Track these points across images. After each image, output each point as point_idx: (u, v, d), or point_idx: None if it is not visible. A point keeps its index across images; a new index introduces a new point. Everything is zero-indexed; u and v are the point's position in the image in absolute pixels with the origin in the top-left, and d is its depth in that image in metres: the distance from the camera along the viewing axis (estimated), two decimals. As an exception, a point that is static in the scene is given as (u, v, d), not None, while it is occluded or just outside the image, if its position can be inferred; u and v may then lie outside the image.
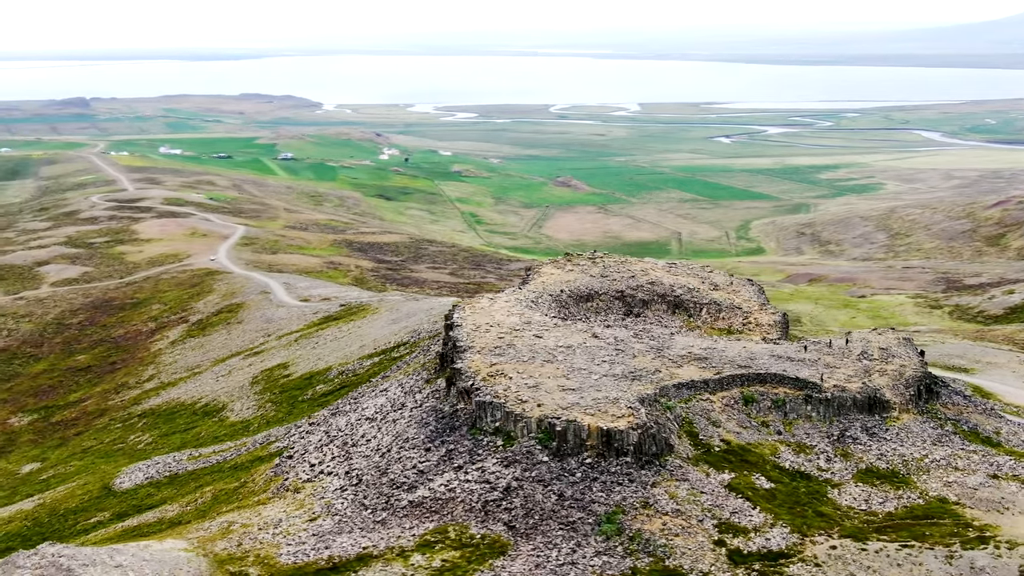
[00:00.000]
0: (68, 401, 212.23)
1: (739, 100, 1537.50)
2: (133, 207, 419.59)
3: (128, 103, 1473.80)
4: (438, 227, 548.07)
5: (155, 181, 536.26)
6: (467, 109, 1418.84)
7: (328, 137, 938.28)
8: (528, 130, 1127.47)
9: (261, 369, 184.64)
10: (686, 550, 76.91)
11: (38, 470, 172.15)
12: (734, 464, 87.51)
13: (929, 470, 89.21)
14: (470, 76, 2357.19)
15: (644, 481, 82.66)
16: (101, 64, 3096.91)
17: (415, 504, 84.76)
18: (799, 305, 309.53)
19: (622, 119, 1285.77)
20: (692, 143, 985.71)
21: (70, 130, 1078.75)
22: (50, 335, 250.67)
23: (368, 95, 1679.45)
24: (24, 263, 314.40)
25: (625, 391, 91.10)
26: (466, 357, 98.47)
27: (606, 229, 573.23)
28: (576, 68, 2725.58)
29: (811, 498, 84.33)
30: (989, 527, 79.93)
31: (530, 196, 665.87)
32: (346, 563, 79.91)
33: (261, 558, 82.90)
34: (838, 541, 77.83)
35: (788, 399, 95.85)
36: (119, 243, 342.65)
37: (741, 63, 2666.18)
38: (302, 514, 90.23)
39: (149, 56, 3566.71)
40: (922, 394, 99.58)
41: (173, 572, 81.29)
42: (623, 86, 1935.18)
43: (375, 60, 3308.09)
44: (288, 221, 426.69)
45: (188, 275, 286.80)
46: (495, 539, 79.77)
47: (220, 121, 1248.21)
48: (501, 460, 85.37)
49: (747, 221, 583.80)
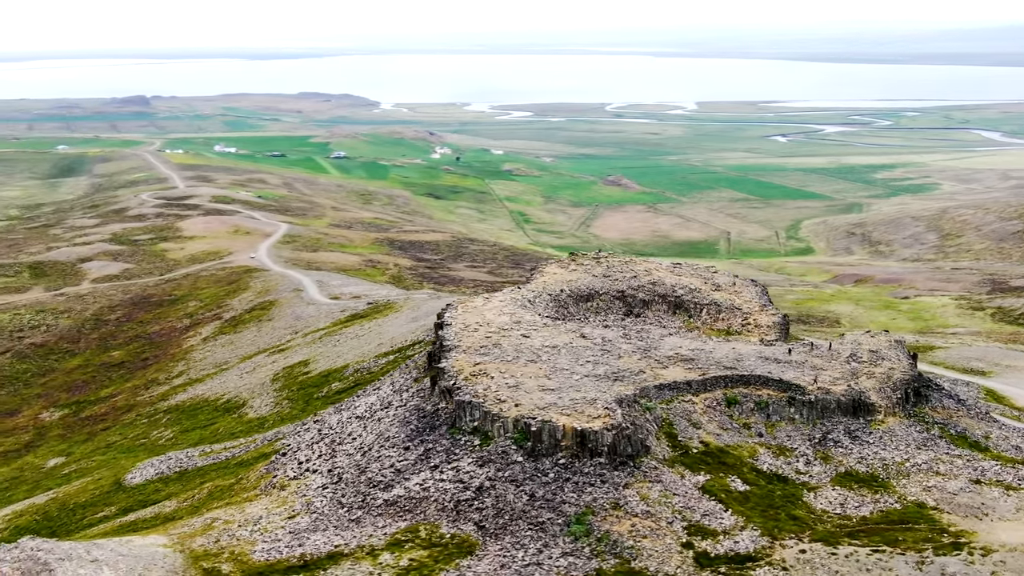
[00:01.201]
0: (99, 396, 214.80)
1: (798, 99, 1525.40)
2: (180, 205, 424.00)
3: (188, 101, 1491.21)
4: (485, 226, 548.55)
5: (206, 179, 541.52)
6: (523, 108, 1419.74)
7: (381, 136, 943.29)
8: (582, 129, 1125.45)
9: (283, 366, 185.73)
10: (653, 552, 76.27)
11: (62, 464, 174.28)
12: (711, 466, 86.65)
13: (909, 474, 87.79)
14: (529, 75, 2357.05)
15: (616, 482, 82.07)
16: (164, 63, 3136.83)
17: (390, 503, 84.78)
18: (840, 306, 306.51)
19: (678, 118, 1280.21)
20: (747, 142, 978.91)
21: (129, 128, 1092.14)
22: (87, 331, 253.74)
23: (426, 94, 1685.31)
24: (67, 259, 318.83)
25: (604, 392, 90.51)
26: (450, 356, 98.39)
27: (655, 228, 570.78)
28: (635, 67, 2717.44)
29: (786, 501, 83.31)
30: (965, 533, 78.50)
31: (580, 195, 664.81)
32: (317, 561, 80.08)
33: (235, 555, 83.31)
34: (808, 545, 76.80)
35: (771, 401, 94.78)
36: (162, 240, 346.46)
37: (803, 61, 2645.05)
38: (282, 511, 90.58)
39: (212, 55, 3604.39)
40: (910, 397, 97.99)
41: (147, 567, 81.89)
42: (682, 84, 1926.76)
43: (435, 59, 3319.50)
44: (333, 219, 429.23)
45: (227, 272, 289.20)
46: (464, 539, 79.58)
47: (278, 120, 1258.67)
48: (476, 460, 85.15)
49: (798, 221, 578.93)
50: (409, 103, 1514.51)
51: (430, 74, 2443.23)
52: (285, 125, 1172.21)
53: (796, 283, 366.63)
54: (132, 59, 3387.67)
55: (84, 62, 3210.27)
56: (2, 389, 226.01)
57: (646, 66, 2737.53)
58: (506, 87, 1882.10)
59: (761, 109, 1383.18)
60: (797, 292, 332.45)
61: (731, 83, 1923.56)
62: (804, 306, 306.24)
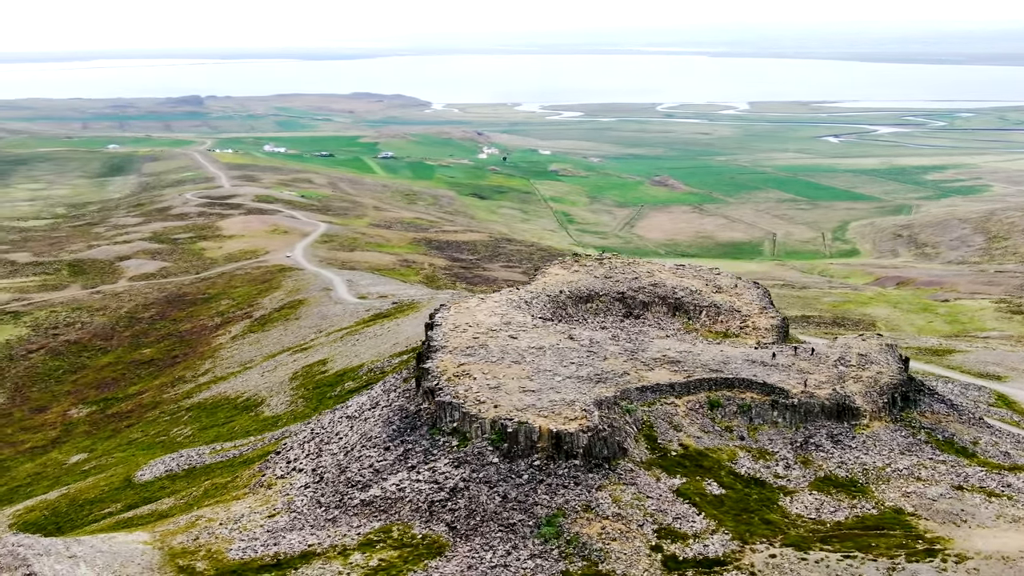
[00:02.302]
0: (127, 394, 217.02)
1: (852, 99, 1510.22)
2: (223, 204, 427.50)
3: (241, 101, 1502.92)
4: (528, 226, 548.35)
5: (252, 179, 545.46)
6: (573, 108, 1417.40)
7: (429, 136, 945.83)
8: (632, 129, 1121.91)
9: (303, 365, 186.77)
10: (621, 555, 75.88)
11: (83, 461, 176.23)
12: (688, 469, 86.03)
13: (889, 479, 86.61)
14: (582, 75, 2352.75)
15: (590, 484, 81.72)
16: (220, 63, 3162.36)
17: (366, 503, 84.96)
18: (877, 309, 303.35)
19: (729, 118, 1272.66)
20: (798, 142, 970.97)
21: (182, 127, 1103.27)
22: (121, 328, 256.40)
23: (477, 94, 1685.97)
24: (106, 258, 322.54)
25: (585, 393, 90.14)
26: (436, 357, 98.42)
27: (699, 229, 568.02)
28: (690, 67, 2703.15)
29: (761, 505, 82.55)
30: (941, 540, 77.33)
31: (625, 195, 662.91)
32: (289, 560, 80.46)
33: (211, 553, 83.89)
34: (779, 550, 76.06)
35: (754, 404, 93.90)
36: (202, 239, 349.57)
37: (859, 61, 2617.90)
38: (264, 510, 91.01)
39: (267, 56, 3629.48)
40: (897, 402, 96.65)
41: (124, 564, 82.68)
42: (735, 84, 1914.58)
43: (489, 59, 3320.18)
44: (374, 219, 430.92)
45: (261, 271, 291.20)
46: (435, 540, 79.59)
47: (329, 120, 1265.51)
48: (453, 461, 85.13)
49: (845, 222, 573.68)
50: (460, 103, 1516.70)
51: (482, 74, 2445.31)
52: (337, 125, 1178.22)
53: (836, 285, 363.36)
54: (188, 59, 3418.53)
55: (140, 62, 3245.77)
56: (34, 386, 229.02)
57: (701, 66, 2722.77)
58: (558, 87, 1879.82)
59: (814, 109, 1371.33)
60: (835, 295, 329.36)
61: (785, 83, 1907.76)
62: (840, 309, 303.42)
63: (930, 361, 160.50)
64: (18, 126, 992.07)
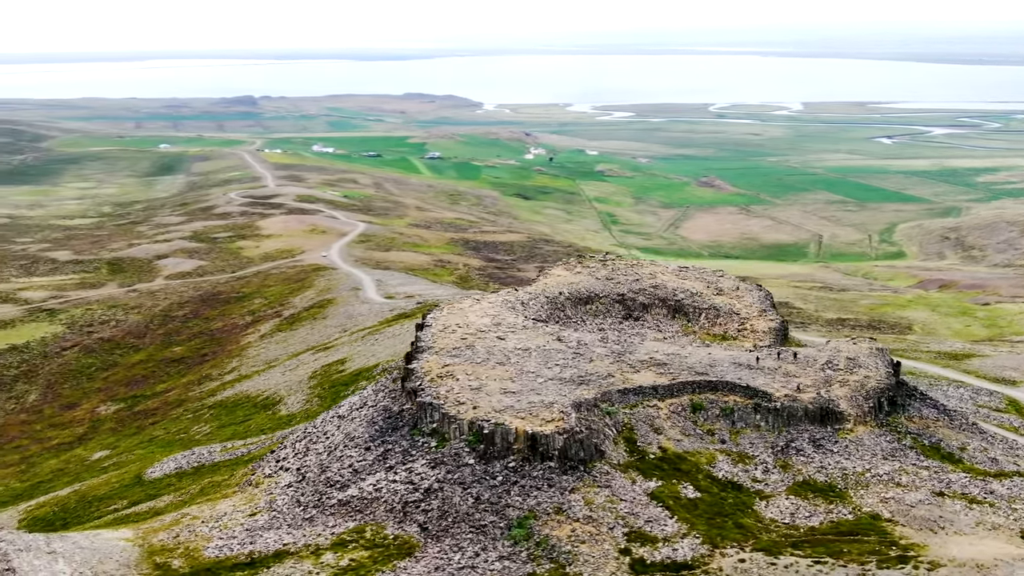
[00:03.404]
0: (155, 391, 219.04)
1: (907, 100, 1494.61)
2: (265, 203, 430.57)
3: (295, 102, 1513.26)
4: (571, 226, 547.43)
5: (297, 178, 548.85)
6: (624, 108, 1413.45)
7: (477, 137, 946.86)
8: (682, 129, 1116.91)
9: (322, 364, 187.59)
10: (589, 558, 75.46)
11: (105, 457, 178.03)
12: (665, 472, 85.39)
13: (868, 485, 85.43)
14: (635, 76, 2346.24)
15: (564, 486, 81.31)
16: (276, 63, 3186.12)
17: (343, 503, 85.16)
18: (915, 312, 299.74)
19: (781, 119, 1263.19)
20: (851, 143, 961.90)
21: (235, 127, 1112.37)
22: (155, 327, 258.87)
23: (528, 95, 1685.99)
24: (145, 256, 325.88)
25: (565, 395, 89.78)
26: (422, 358, 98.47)
27: (744, 230, 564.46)
28: (745, 67, 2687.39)
29: (735, 509, 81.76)
30: (915, 546, 76.14)
31: (671, 196, 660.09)
32: (263, 559, 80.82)
33: (189, 550, 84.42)
34: (749, 555, 75.24)
35: (737, 408, 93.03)
36: (240, 238, 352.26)
37: (916, 62, 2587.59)
38: (247, 509, 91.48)
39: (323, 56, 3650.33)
40: (883, 406, 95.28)
41: (102, 560, 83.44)
42: (790, 85, 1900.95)
43: (542, 60, 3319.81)
44: (414, 219, 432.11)
45: (296, 271, 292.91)
46: (406, 540, 79.59)
47: (381, 120, 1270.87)
48: (430, 461, 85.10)
49: (893, 224, 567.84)
50: (511, 104, 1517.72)
51: (536, 75, 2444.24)
52: (387, 126, 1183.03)
53: (877, 288, 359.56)
54: (244, 60, 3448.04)
55: (197, 62, 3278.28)
56: (66, 383, 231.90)
57: (756, 66, 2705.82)
58: (610, 88, 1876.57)
59: (868, 110, 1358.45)
60: (873, 297, 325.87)
61: (840, 83, 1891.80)
62: (877, 312, 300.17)
63: (947, 365, 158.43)
64: (72, 125, 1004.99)
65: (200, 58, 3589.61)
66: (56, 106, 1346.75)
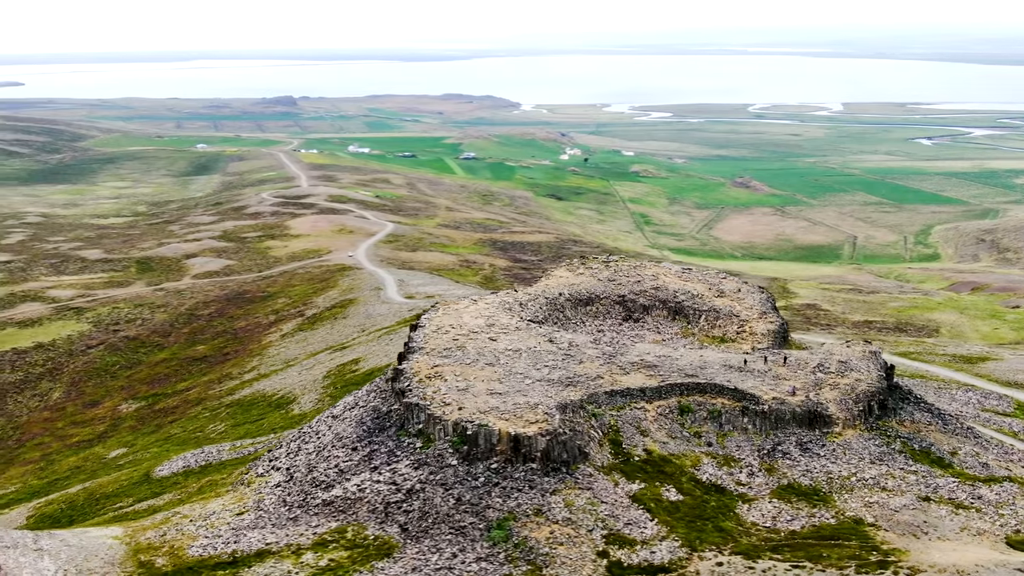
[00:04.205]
0: (176, 389, 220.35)
1: (948, 100, 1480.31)
2: (297, 203, 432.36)
3: (334, 102, 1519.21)
4: (603, 227, 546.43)
5: (331, 179, 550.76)
6: (663, 109, 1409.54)
7: (513, 137, 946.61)
8: (720, 130, 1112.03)
9: (338, 364, 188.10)
10: (567, 559, 75.19)
11: (121, 455, 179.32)
12: (649, 474, 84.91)
13: (853, 489, 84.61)
14: (675, 76, 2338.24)
15: (545, 488, 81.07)
16: (318, 64, 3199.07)
17: (327, 503, 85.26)
18: (944, 315, 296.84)
19: (821, 119, 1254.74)
20: (890, 144, 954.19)
21: (274, 128, 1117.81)
22: (180, 325, 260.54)
23: (567, 95, 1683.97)
24: (174, 255, 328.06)
25: (551, 397, 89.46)
26: (412, 358, 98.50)
27: (779, 232, 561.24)
28: (786, 67, 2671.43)
29: (717, 512, 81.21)
30: (896, 552, 75.33)
31: (706, 197, 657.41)
32: (245, 558, 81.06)
33: (174, 549, 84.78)
34: (727, 558, 74.76)
35: (725, 410, 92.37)
36: (269, 238, 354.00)
37: (958, 62, 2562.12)
38: (235, 508, 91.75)
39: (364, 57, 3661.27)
40: (873, 410, 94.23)
41: (87, 558, 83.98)
42: (831, 85, 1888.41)
43: (582, 60, 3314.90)
44: (444, 219, 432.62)
45: (321, 271, 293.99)
46: (386, 541, 79.58)
47: (418, 120, 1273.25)
48: (414, 462, 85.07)
49: (929, 226, 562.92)
50: (549, 104, 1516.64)
51: (574, 75, 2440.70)
52: (425, 126, 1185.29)
53: (907, 290, 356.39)
54: (286, 60, 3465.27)
55: (239, 63, 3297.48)
56: (90, 381, 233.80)
57: (797, 67, 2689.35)
58: (649, 88, 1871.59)
59: (909, 111, 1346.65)
60: (902, 300, 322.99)
61: (882, 84, 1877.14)
62: (905, 314, 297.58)
63: (960, 369, 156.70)
64: (112, 125, 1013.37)
65: (243, 59, 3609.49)
66: (98, 106, 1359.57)
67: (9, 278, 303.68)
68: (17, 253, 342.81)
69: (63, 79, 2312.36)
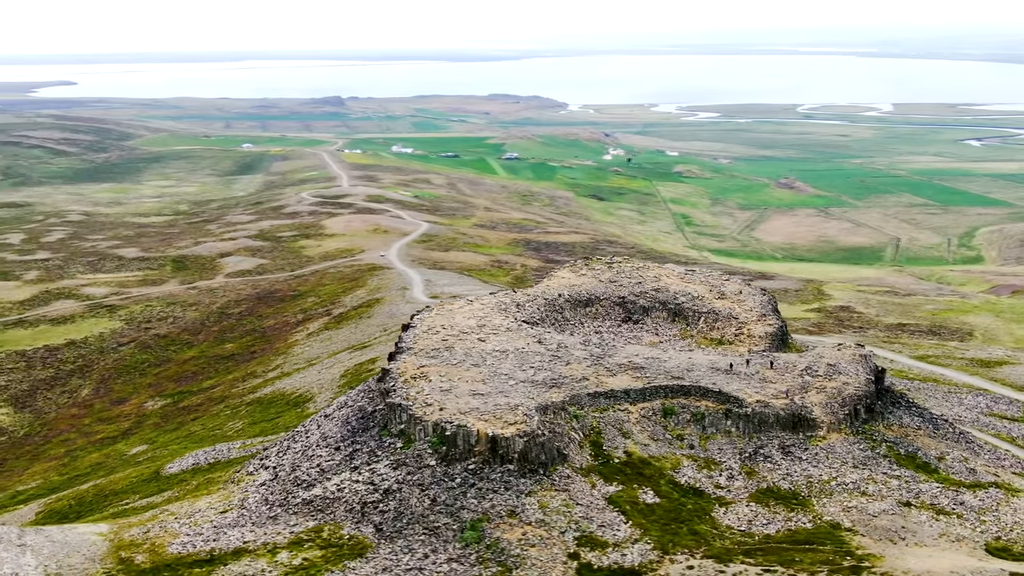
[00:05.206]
0: (201, 387, 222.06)
1: (999, 102, 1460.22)
2: (335, 203, 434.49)
3: (382, 103, 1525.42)
4: (643, 228, 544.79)
5: (372, 179, 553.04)
6: (710, 109, 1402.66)
7: (556, 137, 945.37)
8: (767, 130, 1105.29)
9: (356, 363, 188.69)
10: (537, 561, 74.99)
11: (142, 452, 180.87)
12: (628, 476, 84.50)
13: (833, 493, 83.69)
14: (725, 76, 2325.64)
15: (521, 489, 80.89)
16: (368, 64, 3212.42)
17: (306, 502, 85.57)
18: (978, 318, 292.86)
19: (870, 120, 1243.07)
20: (939, 145, 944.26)
21: (321, 128, 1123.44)
22: (210, 324, 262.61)
23: (614, 95, 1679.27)
24: (209, 254, 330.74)
25: (533, 398, 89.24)
26: (400, 358, 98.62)
27: (821, 233, 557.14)
28: (837, 67, 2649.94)
29: (693, 515, 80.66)
30: (871, 557, 74.41)
31: (749, 198, 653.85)
32: (222, 556, 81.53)
33: (155, 546, 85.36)
34: (699, 561, 74.21)
35: (708, 413, 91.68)
36: (304, 237, 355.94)
37: (1012, 63, 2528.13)
38: (220, 506, 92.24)
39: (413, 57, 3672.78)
40: (859, 414, 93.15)
41: (68, 554, 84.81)
42: (881, 85, 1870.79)
43: (629, 60, 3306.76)
44: (480, 220, 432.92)
45: (352, 270, 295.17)
46: (360, 540, 79.75)
47: (464, 121, 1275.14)
48: (393, 462, 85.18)
49: (974, 228, 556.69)
50: (596, 104, 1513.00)
51: (622, 76, 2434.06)
52: (470, 126, 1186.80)
53: (945, 293, 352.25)
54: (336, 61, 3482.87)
55: (289, 63, 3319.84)
56: (119, 378, 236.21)
57: (849, 67, 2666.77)
58: (698, 88, 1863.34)
59: (959, 111, 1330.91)
60: (938, 302, 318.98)
61: (933, 84, 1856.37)
62: (940, 317, 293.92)
63: (975, 373, 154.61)
64: (161, 124, 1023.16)
65: (293, 59, 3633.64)
66: (150, 105, 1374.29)
67: (46, 276, 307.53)
68: (56, 251, 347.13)
69: (116, 79, 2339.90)
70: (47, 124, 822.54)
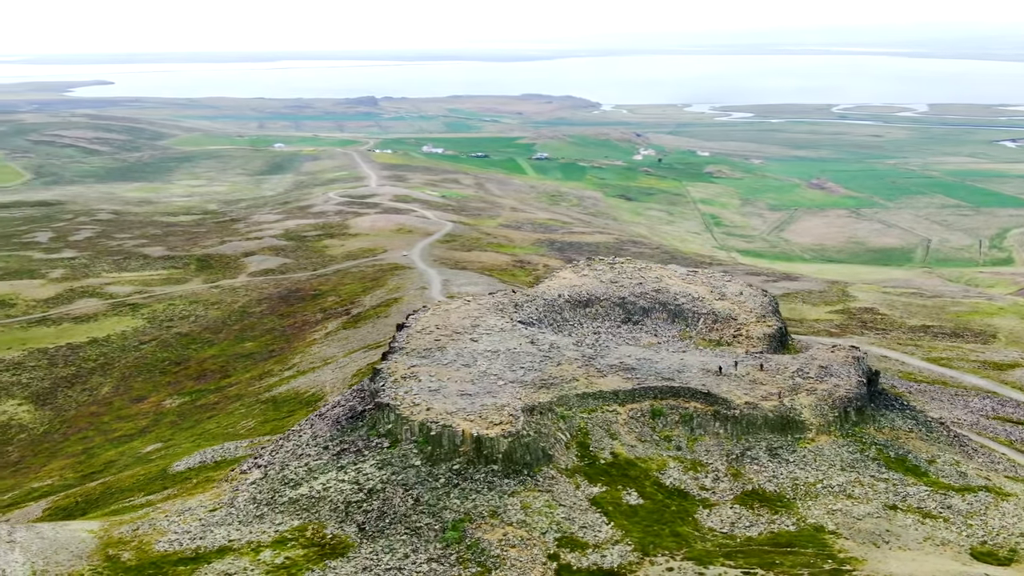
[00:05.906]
0: (219, 386, 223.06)
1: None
2: (361, 203, 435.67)
3: (415, 103, 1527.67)
4: (671, 228, 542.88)
5: (401, 179, 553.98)
6: (744, 109, 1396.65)
7: (587, 137, 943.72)
8: (801, 130, 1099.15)
9: (369, 362, 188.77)
10: (516, 562, 74.90)
11: (156, 450, 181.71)
12: (612, 477, 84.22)
13: (818, 496, 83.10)
14: (759, 76, 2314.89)
15: (504, 490, 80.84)
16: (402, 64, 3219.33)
17: (292, 501, 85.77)
18: (1003, 320, 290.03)
19: (905, 120, 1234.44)
20: (973, 146, 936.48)
21: (354, 128, 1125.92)
22: (232, 323, 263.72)
23: (648, 95, 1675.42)
24: (233, 253, 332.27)
25: (521, 398, 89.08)
26: (391, 358, 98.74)
27: (851, 234, 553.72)
28: (872, 67, 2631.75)
29: (676, 517, 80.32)
30: (852, 560, 73.84)
31: (780, 198, 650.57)
32: (207, 554, 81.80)
33: (142, 544, 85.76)
34: (679, 563, 73.86)
35: (696, 414, 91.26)
36: (328, 237, 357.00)
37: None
38: (211, 504, 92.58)
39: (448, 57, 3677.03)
40: (850, 416, 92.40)
41: (56, 551, 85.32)
42: (918, 86, 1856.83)
43: (663, 60, 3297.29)
44: (506, 220, 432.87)
45: (374, 269, 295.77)
46: (342, 540, 79.87)
47: (497, 121, 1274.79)
48: (379, 462, 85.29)
49: (1005, 230, 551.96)
50: (629, 104, 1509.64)
51: (655, 76, 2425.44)
52: (501, 126, 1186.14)
53: (971, 295, 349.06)
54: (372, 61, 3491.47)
55: (324, 63, 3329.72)
56: (139, 376, 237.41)
57: (886, 66, 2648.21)
58: (732, 88, 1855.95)
59: (995, 112, 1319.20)
60: (964, 304, 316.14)
61: (970, 85, 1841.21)
62: (964, 319, 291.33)
63: (986, 376, 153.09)
64: (195, 124, 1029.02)
65: (329, 59, 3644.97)
66: (185, 105, 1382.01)
67: (71, 274, 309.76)
68: (82, 250, 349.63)
69: (152, 78, 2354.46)
70: (81, 123, 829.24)
